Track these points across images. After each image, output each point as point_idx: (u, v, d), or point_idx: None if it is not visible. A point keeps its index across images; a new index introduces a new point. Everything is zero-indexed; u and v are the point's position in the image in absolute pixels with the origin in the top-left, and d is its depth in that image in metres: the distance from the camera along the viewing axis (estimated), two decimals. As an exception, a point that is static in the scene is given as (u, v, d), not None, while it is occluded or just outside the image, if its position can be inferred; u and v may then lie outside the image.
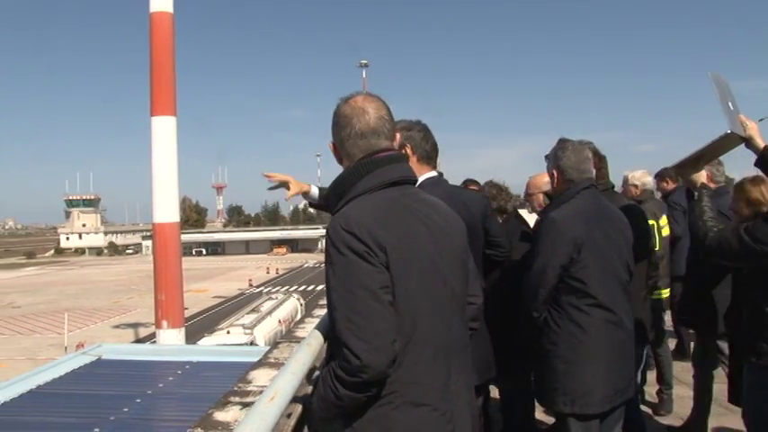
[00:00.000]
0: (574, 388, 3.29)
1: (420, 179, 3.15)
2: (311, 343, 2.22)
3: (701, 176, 3.50)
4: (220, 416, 2.26)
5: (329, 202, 2.35)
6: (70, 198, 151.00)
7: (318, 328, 2.37)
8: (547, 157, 3.75)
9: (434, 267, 2.17)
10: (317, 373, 2.23)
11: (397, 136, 2.39)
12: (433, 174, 3.50)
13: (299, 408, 2.24)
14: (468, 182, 5.59)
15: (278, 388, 1.87)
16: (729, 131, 3.09)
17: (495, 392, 5.18)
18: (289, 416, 2.17)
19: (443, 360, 2.16)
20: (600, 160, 4.25)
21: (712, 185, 4.30)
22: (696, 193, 3.47)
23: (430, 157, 3.52)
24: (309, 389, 2.21)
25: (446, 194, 2.84)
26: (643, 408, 5.76)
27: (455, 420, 2.16)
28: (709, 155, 3.43)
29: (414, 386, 2.09)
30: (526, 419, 4.78)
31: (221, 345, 18.89)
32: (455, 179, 4.43)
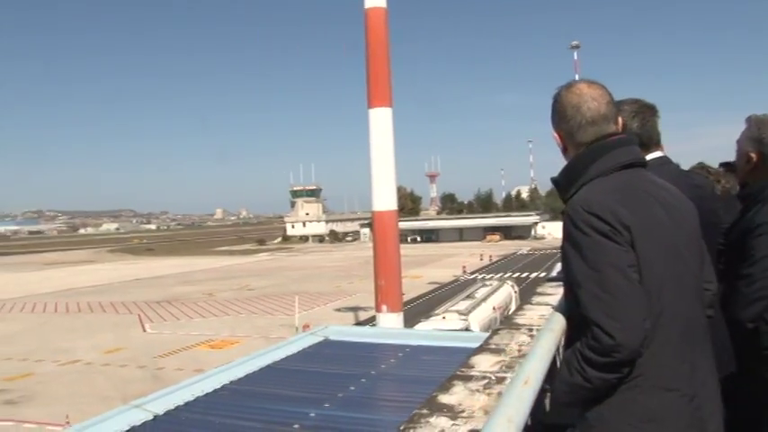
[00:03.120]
0: None
1: None
2: (554, 328, 2.21)
3: None
4: (445, 398, 2.30)
5: (559, 187, 2.34)
6: (294, 189, 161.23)
7: (558, 312, 2.36)
8: (739, 141, 3.38)
9: (675, 248, 2.13)
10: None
11: (620, 120, 2.37)
12: (658, 154, 3.31)
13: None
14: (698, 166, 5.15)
15: (529, 372, 1.89)
16: None
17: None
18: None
19: (688, 344, 2.10)
20: None
21: None
22: None
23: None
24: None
25: (673, 177, 2.69)
26: None
27: (703, 408, 2.08)
28: None
29: (662, 369, 2.04)
30: None
31: (438, 330, 19.25)
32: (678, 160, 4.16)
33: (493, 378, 2.44)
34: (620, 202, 2.06)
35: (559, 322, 2.21)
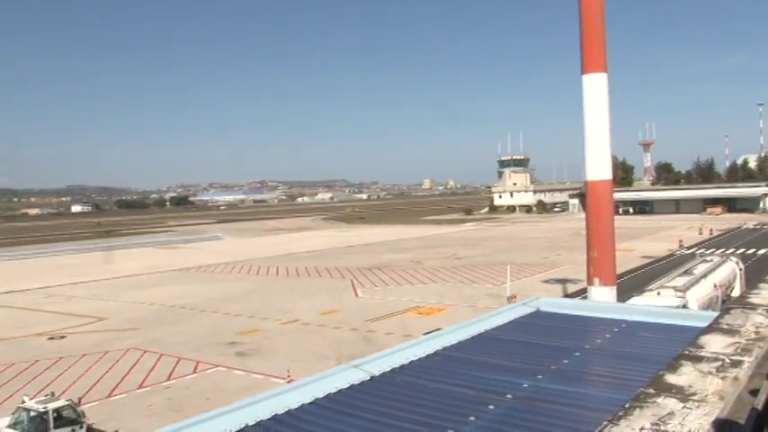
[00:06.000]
0: None
1: None
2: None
3: None
4: (672, 379, 2.20)
5: None
6: (502, 159, 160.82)
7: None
8: None
9: None
10: None
11: None
12: None
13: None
14: None
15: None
16: None
17: None
18: (754, 392, 2.01)
19: None
20: None
21: None
22: None
23: None
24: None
25: None
26: None
27: None
28: None
29: None
30: None
31: (653, 306, 18.35)
32: None
33: (727, 361, 2.30)
34: None
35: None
